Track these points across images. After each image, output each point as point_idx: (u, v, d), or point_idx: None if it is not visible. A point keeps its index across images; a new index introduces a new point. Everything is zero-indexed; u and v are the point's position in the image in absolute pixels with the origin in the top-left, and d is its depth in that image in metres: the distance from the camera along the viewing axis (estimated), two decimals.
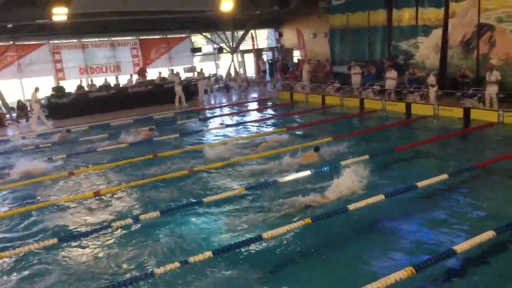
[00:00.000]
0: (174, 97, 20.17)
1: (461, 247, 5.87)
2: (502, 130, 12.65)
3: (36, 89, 17.67)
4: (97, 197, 9.12)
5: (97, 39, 23.62)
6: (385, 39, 19.45)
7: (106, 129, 16.49)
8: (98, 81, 22.06)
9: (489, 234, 6.15)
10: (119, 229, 7.47)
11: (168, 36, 25.31)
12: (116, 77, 23.22)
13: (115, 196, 9.23)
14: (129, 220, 7.68)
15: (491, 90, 14.07)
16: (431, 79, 15.82)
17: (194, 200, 8.41)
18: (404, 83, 17.46)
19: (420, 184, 8.28)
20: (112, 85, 21.75)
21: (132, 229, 7.51)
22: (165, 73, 23.82)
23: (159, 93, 20.95)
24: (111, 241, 7.16)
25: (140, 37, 24.50)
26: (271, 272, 6.00)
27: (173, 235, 7.17)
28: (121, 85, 21.99)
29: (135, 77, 22.80)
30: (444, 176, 8.57)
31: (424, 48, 17.75)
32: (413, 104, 15.71)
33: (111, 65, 23.74)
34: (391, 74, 17.23)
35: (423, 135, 12.55)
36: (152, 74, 23.81)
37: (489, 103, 14.06)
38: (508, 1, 14.79)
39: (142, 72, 23.31)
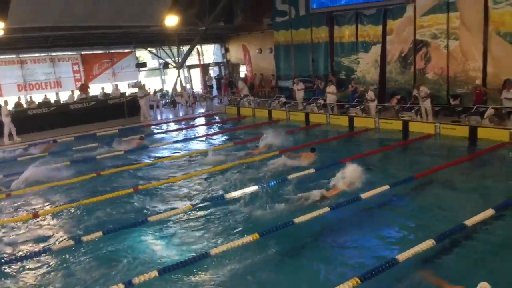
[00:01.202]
0: (122, 113, 19.78)
1: (404, 256, 6.07)
2: (439, 141, 13.27)
3: (5, 103, 17.60)
4: (36, 219, 8.72)
5: (36, 55, 22.77)
6: (327, 55, 20.04)
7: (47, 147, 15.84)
8: (38, 97, 21.21)
9: (429, 243, 6.41)
10: (60, 252, 7.16)
11: (112, 51, 24.82)
12: (57, 94, 22.43)
13: (55, 217, 8.86)
14: (70, 242, 7.38)
15: (425, 104, 14.78)
16: (370, 95, 16.42)
17: (140, 219, 8.21)
18: (348, 98, 18.01)
19: (364, 195, 8.52)
20: (53, 101, 20.99)
21: (74, 251, 7.21)
22: (108, 88, 23.29)
23: (102, 109, 20.42)
24: (51, 265, 6.85)
25: (82, 52, 23.86)
26: None
27: (118, 256, 6.96)
28: (61, 102, 21.26)
29: (77, 93, 22.12)
30: (386, 187, 8.88)
31: (364, 64, 18.45)
32: (355, 118, 16.21)
33: (51, 81, 22.92)
34: (331, 89, 17.77)
35: (365, 147, 12.95)
36: (95, 89, 23.20)
37: (426, 116, 14.75)
38: (441, 19, 15.68)
39: (84, 88, 22.67)
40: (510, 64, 14.11)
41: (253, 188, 9.56)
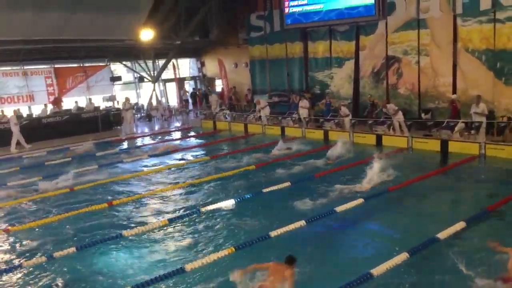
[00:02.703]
0: (96, 127, 19.58)
1: (378, 270, 6.15)
2: (411, 155, 13.54)
3: (15, 112, 18.15)
4: (7, 234, 8.51)
5: (8, 68, 22.33)
6: (302, 69, 20.32)
7: (17, 162, 15.50)
8: (9, 111, 20.74)
9: (403, 256, 6.52)
10: (31, 269, 7.00)
11: (86, 65, 24.54)
12: (29, 107, 22.00)
13: (27, 233, 8.65)
14: (42, 258, 7.23)
15: (397, 118, 15.10)
16: (344, 110, 16.70)
17: (114, 234, 8.10)
18: (322, 112, 18.24)
19: (339, 209, 8.63)
20: (25, 115, 20.57)
21: (46, 267, 7.06)
22: (82, 102, 23.00)
23: (76, 123, 20.12)
24: (22, 282, 6.67)
25: (55, 66, 23.52)
26: None
27: (91, 272, 6.85)
28: (34, 115, 20.86)
29: (50, 107, 21.76)
30: (360, 201, 9.01)
31: (338, 79, 18.78)
32: (330, 132, 16.40)
33: (24, 94, 22.45)
34: (303, 103, 18.00)
35: (340, 161, 13.08)
36: (68, 103, 22.87)
37: (400, 130, 15.06)
38: (411, 35, 16.14)
39: (57, 102, 22.31)
40: (478, 79, 14.61)
41: (229, 202, 9.57)
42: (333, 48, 18.87)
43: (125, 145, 18.10)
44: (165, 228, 8.45)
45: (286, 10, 19.46)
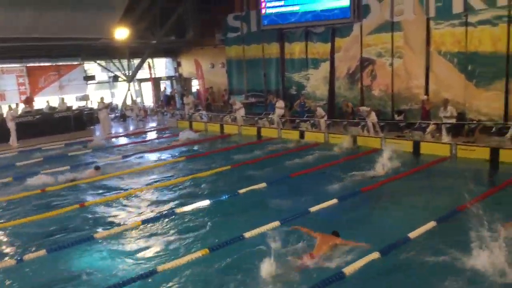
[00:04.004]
0: (69, 127, 19.27)
1: (349, 269, 6.21)
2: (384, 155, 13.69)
3: (10, 108, 18.49)
4: None
5: None
6: (278, 70, 20.38)
7: None
8: None
9: (374, 255, 6.60)
10: (0, 272, 6.82)
11: (59, 64, 24.10)
12: (0, 107, 21.50)
13: None
14: (11, 261, 7.06)
15: (371, 119, 15.31)
16: (319, 111, 16.82)
17: (85, 236, 7.97)
18: (297, 113, 18.33)
19: (313, 209, 8.68)
20: None
21: (16, 271, 6.89)
22: (55, 102, 22.58)
23: (48, 123, 19.73)
24: None
25: (28, 65, 23.03)
26: None
27: (62, 275, 6.72)
28: (4, 115, 20.37)
29: (22, 107, 21.29)
30: (334, 201, 9.08)
31: (314, 80, 18.91)
32: (306, 132, 16.50)
33: None
34: (279, 104, 18.08)
35: (315, 161, 13.18)
36: (41, 103, 22.43)
37: (373, 130, 15.26)
38: (385, 38, 16.36)
39: (29, 101, 21.85)
40: (450, 82, 14.91)
41: (203, 203, 9.53)
42: (309, 49, 18.99)
43: (98, 145, 17.78)
44: (138, 229, 8.35)
45: (263, 11, 19.48)
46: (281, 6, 18.87)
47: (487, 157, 12.10)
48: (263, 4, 19.39)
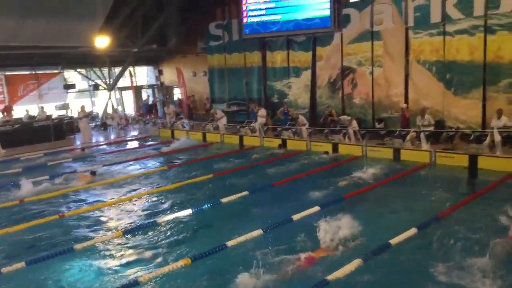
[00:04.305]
0: (48, 136, 19.03)
1: (333, 276, 6.23)
2: (366, 163, 13.81)
3: None
4: None
5: None
6: (260, 79, 20.46)
7: None
8: None
9: (357, 261, 6.63)
10: None
11: (39, 72, 23.77)
12: None
13: None
14: None
15: (352, 127, 15.46)
16: (302, 119, 16.92)
17: (65, 248, 7.82)
18: (280, 121, 18.42)
19: (295, 217, 8.69)
20: None
21: None
22: (34, 111, 22.23)
23: (27, 133, 19.38)
24: None
25: (6, 73, 22.66)
26: None
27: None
28: None
29: (0, 116, 20.90)
30: (316, 208, 9.12)
31: (296, 88, 19.04)
32: (288, 140, 16.56)
33: None
34: (261, 112, 18.14)
35: (298, 169, 13.23)
36: (20, 112, 22.05)
37: (354, 138, 15.40)
38: (365, 47, 16.59)
39: (7, 110, 21.47)
40: (429, 90, 15.19)
41: (185, 212, 9.47)
42: (290, 58, 19.13)
43: (78, 154, 17.56)
44: (119, 240, 8.25)
45: (245, 20, 19.57)
46: (263, 15, 18.99)
47: (465, 164, 12.30)
48: (244, 13, 19.49)
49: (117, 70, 25.45)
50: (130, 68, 25.81)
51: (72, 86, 24.85)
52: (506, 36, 13.47)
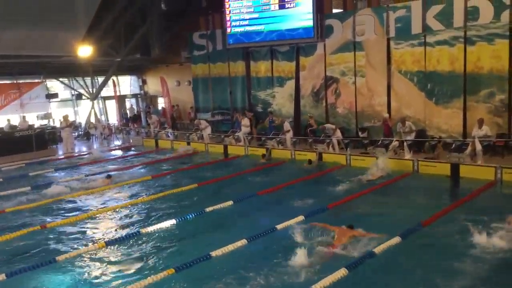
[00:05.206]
0: (30, 146, 18.79)
1: (317, 286, 6.23)
2: (349, 172, 13.92)
3: None
4: None
5: None
6: (245, 88, 20.51)
7: None
8: None
9: (341, 271, 6.65)
10: None
11: (20, 81, 23.47)
12: None
13: None
14: None
15: (336, 136, 15.58)
16: (286, 125, 17.02)
17: (47, 259, 7.69)
18: (265, 130, 18.47)
19: (279, 226, 8.70)
20: None
21: None
22: (15, 120, 21.93)
23: (8, 142, 19.07)
24: None
25: None
26: None
27: None
28: None
29: None
30: (301, 218, 9.14)
31: (280, 98, 19.12)
32: (272, 150, 16.60)
33: None
34: (244, 121, 18.20)
35: (282, 178, 13.23)
36: (1, 121, 21.73)
37: (338, 147, 15.51)
38: (348, 57, 16.79)
39: None
40: (410, 99, 15.42)
41: (169, 222, 9.41)
42: (274, 67, 19.23)
43: (61, 164, 17.34)
44: (102, 251, 8.15)
45: (228, 30, 19.65)
46: (246, 25, 19.08)
47: (447, 173, 12.47)
48: (228, 23, 19.57)
49: (100, 79, 25.24)
50: (114, 77, 25.64)
51: (55, 95, 24.58)
52: (485, 47, 13.79)
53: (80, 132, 24.57)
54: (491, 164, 12.12)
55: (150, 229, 9.08)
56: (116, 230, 9.35)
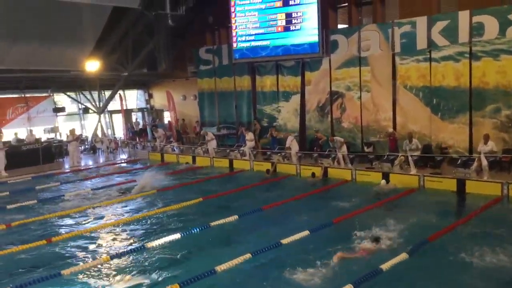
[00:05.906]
0: (37, 159, 18.97)
1: None
2: (355, 187, 13.89)
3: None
4: None
5: None
6: (250, 103, 20.60)
7: None
8: None
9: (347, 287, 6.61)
10: None
11: (28, 95, 23.70)
12: None
13: None
14: None
15: (342, 151, 15.57)
16: (289, 140, 16.99)
17: (52, 273, 7.70)
18: (269, 144, 18.50)
19: (284, 241, 8.67)
20: None
21: None
22: (23, 134, 22.10)
23: (15, 156, 19.21)
24: None
25: None
26: None
27: None
28: None
29: None
30: (306, 233, 9.11)
31: (285, 112, 19.19)
32: (278, 164, 16.59)
33: None
34: (249, 136, 18.24)
35: (287, 193, 13.21)
36: (8, 135, 21.89)
37: (343, 162, 15.49)
38: (353, 72, 16.86)
39: None
40: (415, 114, 15.43)
41: (174, 236, 9.40)
42: (280, 82, 19.34)
43: (67, 178, 17.40)
44: (107, 265, 8.14)
45: (234, 45, 19.81)
46: (252, 40, 19.24)
47: (453, 189, 12.41)
48: (234, 39, 19.74)
49: (107, 93, 25.48)
50: (120, 92, 25.85)
51: (62, 109, 24.80)
52: (491, 62, 13.81)
53: (87, 146, 24.69)
54: (498, 180, 12.05)
55: (155, 243, 9.06)
56: (121, 244, 9.35)
